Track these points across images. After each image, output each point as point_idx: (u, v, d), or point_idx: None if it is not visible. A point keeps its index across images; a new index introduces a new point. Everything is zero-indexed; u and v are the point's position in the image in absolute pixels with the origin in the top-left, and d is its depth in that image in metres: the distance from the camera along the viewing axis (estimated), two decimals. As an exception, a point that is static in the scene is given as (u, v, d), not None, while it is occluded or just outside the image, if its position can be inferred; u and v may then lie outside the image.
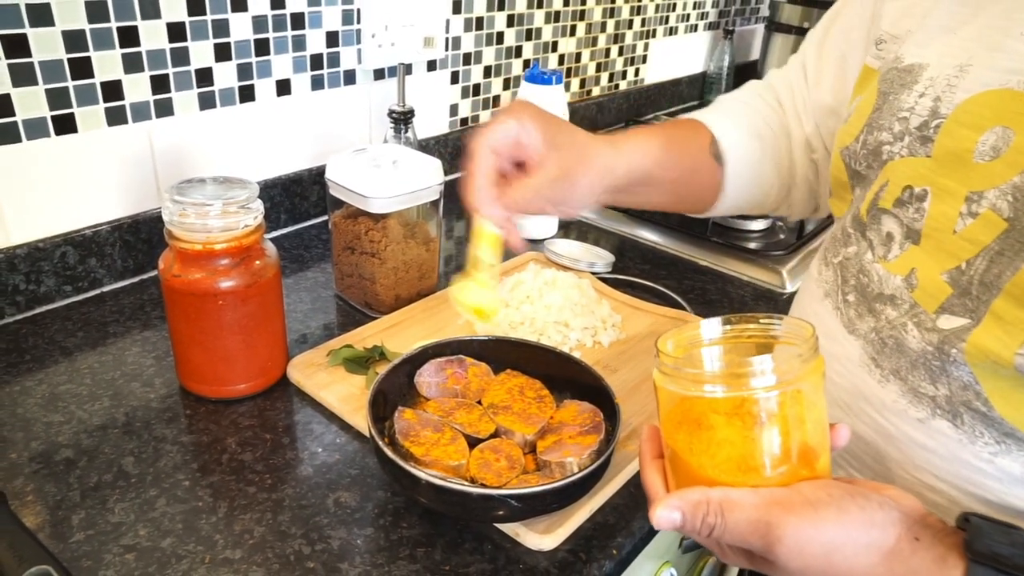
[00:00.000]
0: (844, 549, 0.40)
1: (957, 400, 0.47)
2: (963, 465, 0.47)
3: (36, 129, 0.79)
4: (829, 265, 0.59)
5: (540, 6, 1.38)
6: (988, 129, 0.45)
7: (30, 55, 0.77)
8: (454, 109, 1.30)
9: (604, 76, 1.64)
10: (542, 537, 0.58)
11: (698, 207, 0.73)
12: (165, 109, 0.90)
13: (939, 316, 0.47)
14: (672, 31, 1.81)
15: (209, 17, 0.90)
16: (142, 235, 0.91)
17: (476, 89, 1.33)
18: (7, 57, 0.75)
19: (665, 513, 0.42)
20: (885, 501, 0.41)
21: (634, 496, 0.64)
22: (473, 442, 0.63)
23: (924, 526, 0.41)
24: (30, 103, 0.78)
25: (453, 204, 1.21)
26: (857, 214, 0.56)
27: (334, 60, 1.06)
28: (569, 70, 1.53)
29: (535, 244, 1.09)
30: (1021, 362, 0.43)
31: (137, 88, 0.86)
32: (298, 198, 1.08)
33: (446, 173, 0.88)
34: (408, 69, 1.17)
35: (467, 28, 1.26)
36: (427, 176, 0.84)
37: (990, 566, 0.38)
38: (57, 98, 0.80)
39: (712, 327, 0.45)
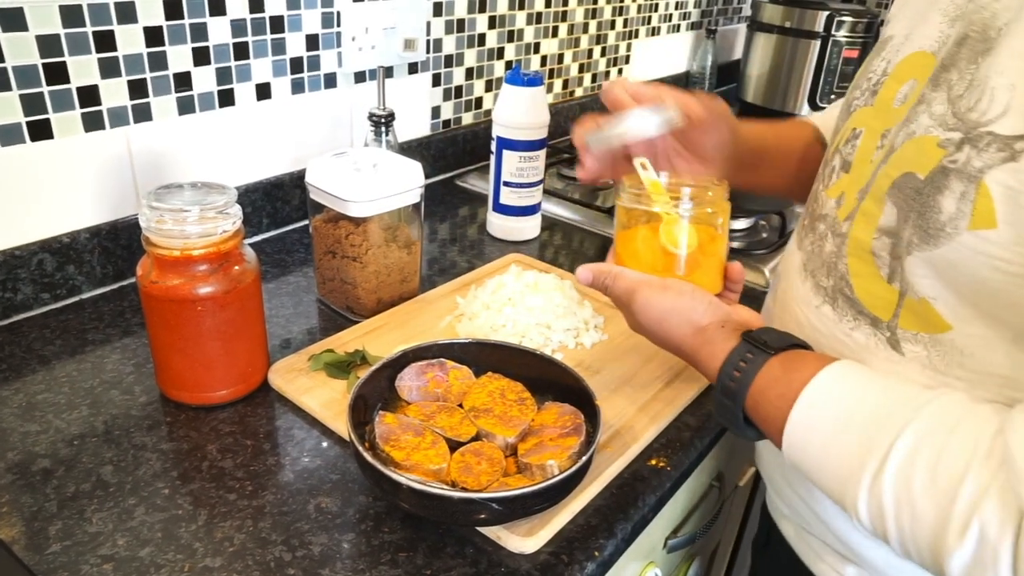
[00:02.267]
0: (671, 318, 0.59)
1: (836, 288, 0.58)
2: (835, 340, 0.58)
3: (11, 135, 0.79)
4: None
5: (522, 7, 1.38)
6: (905, 82, 0.55)
7: (3, 60, 0.76)
8: (436, 111, 1.30)
9: (587, 77, 1.65)
10: (524, 540, 0.58)
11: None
12: (143, 114, 0.89)
13: (845, 223, 0.57)
14: (655, 31, 1.82)
15: (187, 21, 0.89)
16: (121, 241, 0.90)
17: (458, 91, 1.33)
18: (-20, 63, 0.75)
19: (584, 272, 0.64)
20: (721, 305, 0.60)
21: (616, 497, 0.64)
22: (454, 445, 0.63)
23: (738, 324, 0.58)
24: (4, 109, 0.77)
25: (435, 207, 1.22)
26: (826, 155, 0.66)
27: (314, 64, 1.06)
28: (552, 71, 1.54)
29: (517, 246, 1.09)
30: (875, 245, 0.52)
31: (114, 93, 0.85)
32: (279, 202, 1.07)
33: (427, 176, 0.88)
34: (389, 72, 1.17)
35: (448, 30, 1.26)
36: (408, 179, 0.83)
37: (751, 341, 0.55)
38: (32, 104, 0.79)
39: (663, 177, 0.66)
